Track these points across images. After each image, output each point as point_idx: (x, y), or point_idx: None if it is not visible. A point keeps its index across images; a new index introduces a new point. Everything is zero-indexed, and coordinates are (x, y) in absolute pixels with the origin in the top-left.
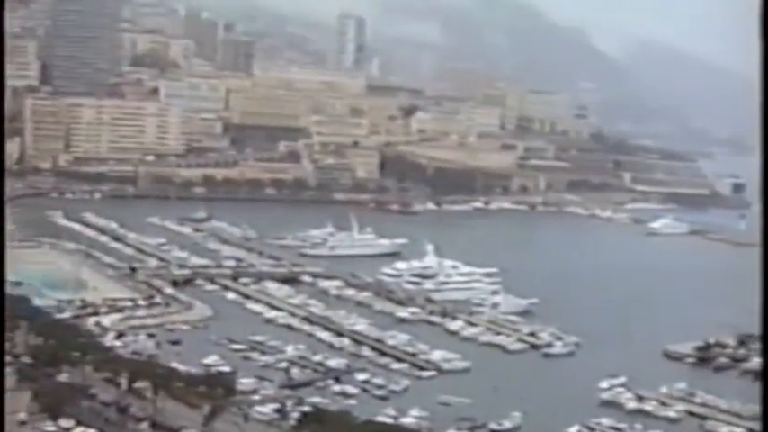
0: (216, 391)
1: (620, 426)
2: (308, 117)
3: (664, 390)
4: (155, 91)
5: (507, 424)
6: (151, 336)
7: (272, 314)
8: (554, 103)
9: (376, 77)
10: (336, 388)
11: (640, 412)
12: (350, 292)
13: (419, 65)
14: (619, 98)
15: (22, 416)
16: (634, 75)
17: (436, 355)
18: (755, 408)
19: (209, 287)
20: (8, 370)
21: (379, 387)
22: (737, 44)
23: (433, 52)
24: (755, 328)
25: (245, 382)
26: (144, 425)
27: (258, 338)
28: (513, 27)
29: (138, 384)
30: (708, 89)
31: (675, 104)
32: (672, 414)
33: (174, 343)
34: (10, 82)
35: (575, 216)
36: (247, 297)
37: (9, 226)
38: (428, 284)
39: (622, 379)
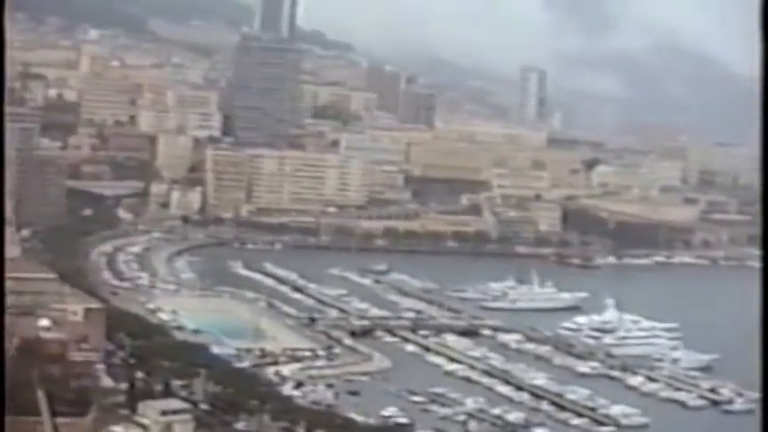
0: None
1: None
2: (490, 170)
3: None
4: (336, 143)
5: None
6: (330, 386)
7: (451, 367)
8: (736, 156)
9: (557, 130)
10: None
11: None
12: (530, 345)
13: (600, 117)
14: None
15: None
16: None
17: (615, 411)
18: None
19: (389, 339)
20: (186, 417)
21: None
22: None
23: (614, 104)
24: None
25: None
26: None
27: (437, 390)
28: (692, 77)
29: None
30: None
31: None
32: None
33: (353, 394)
34: (193, 132)
35: (757, 270)
36: (427, 349)
37: (190, 275)
38: (608, 339)
39: None
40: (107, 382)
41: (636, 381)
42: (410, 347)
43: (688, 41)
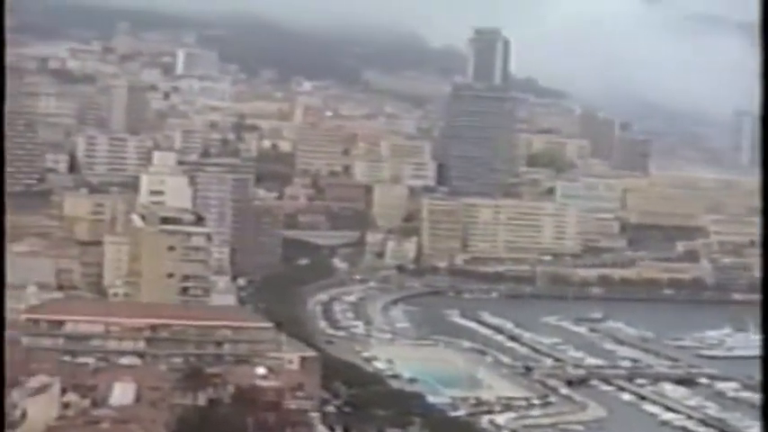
0: None
1: None
2: (706, 216)
3: None
4: (551, 191)
5: None
6: None
7: (667, 416)
8: None
9: None
10: None
11: None
12: (747, 394)
13: None
14: None
15: None
16: None
17: None
18: None
19: (605, 387)
20: None
21: None
22: None
23: None
24: None
25: None
26: None
27: None
28: None
29: None
30: None
31: None
32: None
33: None
34: (408, 182)
35: None
36: (643, 398)
37: (405, 324)
38: None
39: None
40: (322, 430)
41: None
42: (626, 396)
43: None
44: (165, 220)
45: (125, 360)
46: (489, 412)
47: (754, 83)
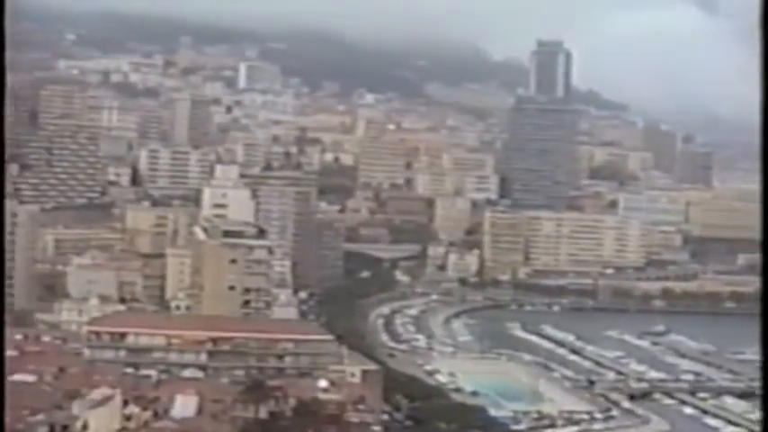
0: None
1: None
2: None
3: None
4: (613, 203)
5: None
6: None
7: (729, 430)
8: None
9: None
10: None
11: None
12: None
13: None
14: None
15: None
16: None
17: None
18: None
19: (667, 401)
20: None
21: None
22: None
23: None
24: None
25: None
26: None
27: None
28: None
29: None
30: None
31: None
32: None
33: None
34: (470, 195)
35: None
36: (705, 412)
37: (467, 337)
38: None
39: None
40: None
41: None
42: (688, 410)
43: None
44: (227, 234)
45: (187, 372)
46: (551, 426)
47: None
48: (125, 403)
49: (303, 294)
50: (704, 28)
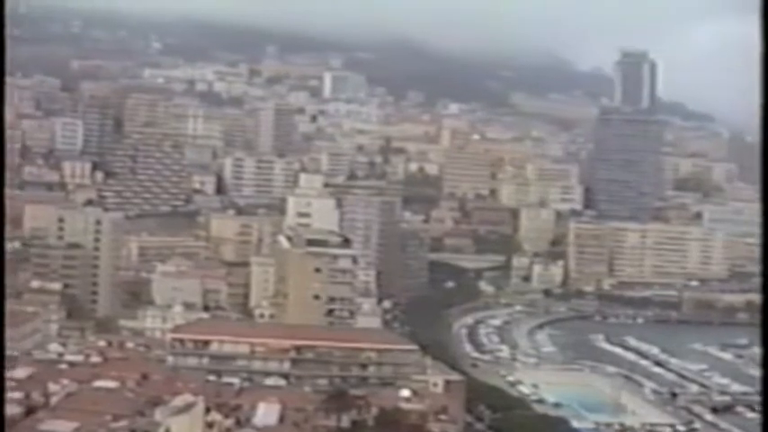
0: None
1: None
2: None
3: None
4: (698, 215)
5: None
6: None
7: None
8: None
9: None
10: None
11: None
12: None
13: None
14: None
15: None
16: None
17: None
18: None
19: (750, 415)
20: None
21: None
22: None
23: None
24: None
25: None
26: None
27: None
28: None
29: None
30: None
31: None
32: None
33: None
34: (554, 206)
35: None
36: None
37: (551, 348)
38: None
39: None
40: None
41: None
42: None
43: None
44: (311, 242)
45: (270, 381)
46: None
47: None
48: (207, 410)
49: (387, 304)
50: None
